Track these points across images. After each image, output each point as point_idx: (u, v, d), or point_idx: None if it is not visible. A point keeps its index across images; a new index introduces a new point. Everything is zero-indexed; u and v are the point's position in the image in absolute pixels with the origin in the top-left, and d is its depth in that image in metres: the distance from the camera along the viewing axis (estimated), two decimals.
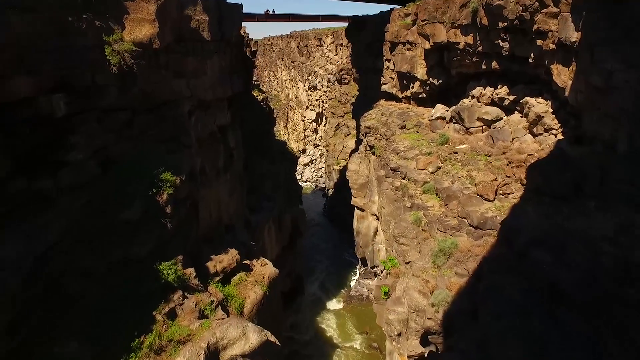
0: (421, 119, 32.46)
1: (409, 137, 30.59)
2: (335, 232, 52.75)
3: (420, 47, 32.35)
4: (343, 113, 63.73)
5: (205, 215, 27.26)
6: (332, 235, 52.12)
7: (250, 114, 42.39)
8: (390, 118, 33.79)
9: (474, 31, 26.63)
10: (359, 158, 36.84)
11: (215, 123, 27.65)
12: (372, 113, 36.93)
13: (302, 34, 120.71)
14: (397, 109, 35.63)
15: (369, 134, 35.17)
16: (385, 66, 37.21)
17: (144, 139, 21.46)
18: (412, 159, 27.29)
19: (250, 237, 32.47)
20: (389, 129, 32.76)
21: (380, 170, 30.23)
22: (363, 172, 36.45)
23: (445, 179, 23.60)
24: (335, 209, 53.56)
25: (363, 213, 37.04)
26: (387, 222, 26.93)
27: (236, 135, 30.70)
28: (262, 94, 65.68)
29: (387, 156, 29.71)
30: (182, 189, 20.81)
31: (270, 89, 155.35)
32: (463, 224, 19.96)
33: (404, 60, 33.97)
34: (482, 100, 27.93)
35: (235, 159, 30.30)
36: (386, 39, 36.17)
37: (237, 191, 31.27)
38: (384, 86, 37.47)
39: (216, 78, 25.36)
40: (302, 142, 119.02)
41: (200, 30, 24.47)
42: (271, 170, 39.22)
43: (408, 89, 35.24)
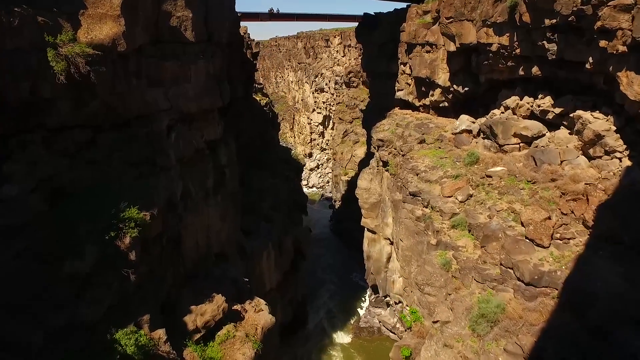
0: (443, 131, 27.91)
1: (429, 154, 26.07)
2: (342, 249, 48.29)
3: (442, 49, 27.81)
4: (351, 119, 59.27)
5: (191, 245, 23.01)
6: (339, 253, 47.67)
7: (250, 122, 38.12)
8: (407, 130, 29.27)
9: (511, 30, 22.06)
10: (370, 174, 32.37)
11: (203, 138, 23.38)
12: (386, 123, 32.43)
13: (308, 35, 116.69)
14: (414, 119, 31.10)
15: (382, 147, 30.69)
16: (401, 70, 32.69)
17: (110, 162, 17.28)
18: (435, 183, 22.77)
19: (245, 267, 28.22)
20: (405, 142, 28.25)
21: (396, 192, 25.73)
22: (375, 190, 31.99)
23: (479, 212, 19.06)
24: (342, 223, 49.13)
25: (374, 236, 32.58)
26: (407, 258, 22.47)
27: (229, 150, 26.41)
28: (265, 98, 61.44)
29: (404, 176, 25.21)
30: (154, 225, 16.60)
31: (277, 90, 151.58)
32: (508, 276, 15.44)
33: (422, 64, 29.44)
34: (518, 112, 23.34)
35: (228, 178, 26.05)
36: (402, 39, 31.66)
37: (230, 214, 27.02)
38: (399, 93, 32.95)
39: (202, 86, 21.07)
40: (309, 145, 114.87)
41: (182, 30, 20.19)
42: (272, 185, 34.90)
43: (427, 97, 30.70)
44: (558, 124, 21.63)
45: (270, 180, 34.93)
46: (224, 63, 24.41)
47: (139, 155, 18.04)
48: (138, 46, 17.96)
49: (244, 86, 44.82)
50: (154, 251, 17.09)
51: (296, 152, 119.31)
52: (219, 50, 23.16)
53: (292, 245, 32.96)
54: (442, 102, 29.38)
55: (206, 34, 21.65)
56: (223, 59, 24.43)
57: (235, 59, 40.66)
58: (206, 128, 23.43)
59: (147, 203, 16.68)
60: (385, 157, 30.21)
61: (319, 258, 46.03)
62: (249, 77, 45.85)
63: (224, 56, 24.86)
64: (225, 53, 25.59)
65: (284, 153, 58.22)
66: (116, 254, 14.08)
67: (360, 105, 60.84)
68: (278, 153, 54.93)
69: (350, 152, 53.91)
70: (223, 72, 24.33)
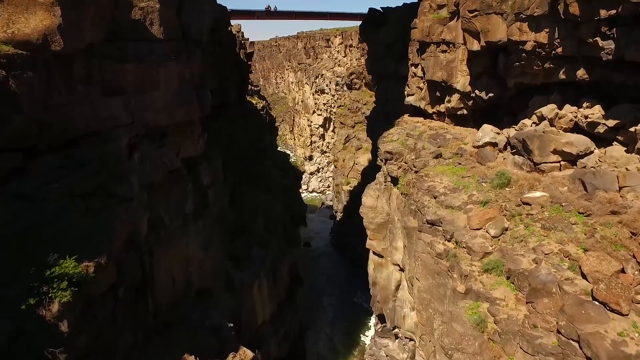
0: (462, 144, 23.82)
1: (448, 172, 21.99)
2: (344, 265, 44.24)
3: (461, 48, 23.72)
4: (354, 123, 55.19)
5: (165, 284, 18.93)
6: (341, 270, 43.61)
7: (243, 130, 34.07)
8: (420, 141, 25.17)
9: (552, 25, 17.99)
10: (377, 190, 28.29)
11: (179, 156, 19.37)
12: (394, 133, 28.34)
13: (309, 35, 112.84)
14: (427, 128, 27.00)
15: (391, 160, 26.61)
16: (411, 73, 28.60)
17: (46, 196, 13.27)
18: (459, 209, 18.69)
19: (234, 302, 24.20)
20: (418, 156, 24.16)
21: (409, 217, 21.65)
22: (382, 209, 27.92)
23: (520, 252, 14.96)
24: (344, 237, 45.08)
25: (381, 260, 28.53)
26: (424, 301, 18.39)
27: (214, 168, 22.33)
28: (261, 102, 57.37)
29: (419, 198, 21.13)
30: (103, 277, 12.67)
31: (277, 91, 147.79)
32: (572, 351, 11.38)
33: (437, 66, 25.35)
34: (558, 123, 19.26)
35: (212, 200, 22.01)
36: (413, 37, 27.56)
37: (215, 242, 22.99)
38: (409, 98, 28.86)
39: (175, 93, 16.98)
40: (309, 148, 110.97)
41: (146, 24, 16.13)
42: (266, 202, 30.83)
43: (442, 103, 26.60)
44: (610, 139, 17.57)
45: (264, 197, 30.85)
46: (204, 65, 20.28)
47: (87, 185, 14.02)
48: (86, 44, 13.99)
49: (237, 90, 40.81)
50: (103, 311, 13.06)
51: (296, 155, 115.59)
52: (197, 50, 19.07)
53: (289, 272, 28.92)
54: (460, 110, 25.29)
55: (180, 29, 17.57)
56: (204, 61, 20.32)
57: (227, 60, 36.64)
58: (183, 143, 19.42)
59: (94, 249, 12.73)
60: (394, 172, 26.13)
61: (319, 276, 41.99)
62: (242, 80, 41.83)
63: (205, 57, 20.79)
64: (207, 53, 21.59)
65: (281, 160, 54.15)
66: (38, 327, 10.12)
67: (362, 109, 56.78)
68: (275, 160, 50.90)
69: (353, 159, 49.84)
70: (204, 76, 20.23)
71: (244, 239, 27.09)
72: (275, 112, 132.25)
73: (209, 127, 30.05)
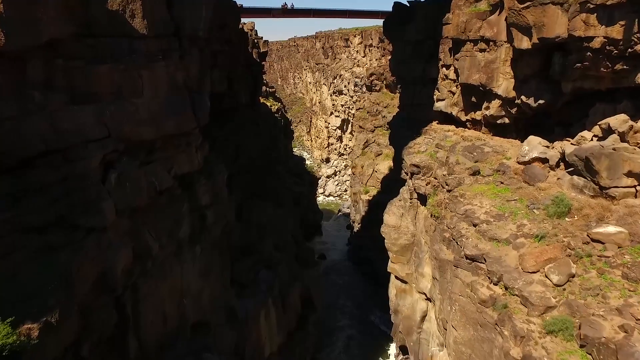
0: (504, 158, 20.19)
1: (488, 193, 18.42)
2: (361, 280, 40.83)
3: (504, 46, 20.10)
4: (373, 127, 51.68)
5: (153, 321, 15.91)
6: (357, 286, 40.20)
7: (254, 136, 31.06)
8: (453, 154, 21.62)
9: (630, 17, 14.27)
10: (401, 208, 24.84)
11: (171, 173, 16.41)
12: (422, 143, 24.84)
13: (327, 34, 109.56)
14: (460, 138, 23.42)
15: (418, 175, 23.14)
16: (442, 75, 25.04)
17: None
18: (506, 243, 15.13)
19: (236, 336, 21.17)
20: (451, 172, 20.64)
21: (442, 245, 18.17)
22: (406, 229, 24.46)
23: (597, 311, 11.38)
24: (362, 250, 41.69)
25: (405, 286, 25.08)
26: (462, 356, 14.88)
27: (215, 184, 19.26)
28: (277, 104, 54.39)
29: (454, 224, 17.64)
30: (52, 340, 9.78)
31: (295, 91, 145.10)
32: None
33: (474, 67, 21.76)
34: (631, 138, 15.49)
35: (212, 221, 18.97)
36: (445, 35, 24.01)
37: (215, 268, 19.95)
38: (439, 103, 25.29)
39: (163, 101, 13.96)
40: (326, 150, 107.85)
41: (127, 16, 13.19)
42: (276, 217, 27.72)
43: (478, 110, 22.99)
44: None
45: (274, 212, 27.74)
46: (204, 66, 17.17)
47: (44, 216, 11.15)
48: (46, 41, 11.10)
49: (249, 92, 37.88)
50: None
51: (313, 157, 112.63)
52: (194, 49, 16.01)
53: (300, 297, 25.74)
54: (501, 118, 21.61)
55: (171, 24, 14.55)
56: (204, 61, 17.21)
57: (237, 61, 33.72)
58: (177, 158, 16.43)
59: (42, 303, 9.89)
60: (422, 189, 22.66)
61: (334, 292, 38.72)
62: (255, 81, 38.86)
63: (206, 57, 17.70)
64: (210, 52, 18.53)
65: (296, 165, 51.13)
66: None
67: (383, 112, 53.22)
68: (289, 166, 47.91)
69: (372, 166, 46.35)
70: (204, 78, 17.13)
71: (251, 261, 24.03)
72: (293, 113, 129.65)
73: (214, 135, 27.14)
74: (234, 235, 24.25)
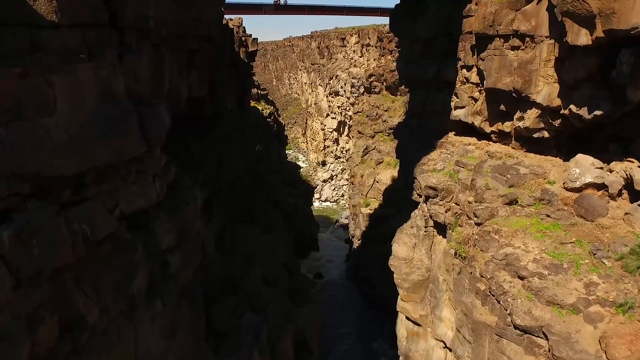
0: (546, 183, 16.00)
1: (532, 229, 14.23)
2: (362, 303, 36.60)
3: (546, 42, 15.92)
4: (373, 132, 47.44)
5: None
6: (357, 309, 35.95)
7: (238, 149, 26.71)
8: (480, 176, 17.38)
9: None
10: (413, 237, 20.60)
11: (116, 212, 12.12)
12: (437, 159, 20.63)
13: (323, 34, 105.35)
14: (484, 154, 19.22)
15: (434, 199, 18.94)
16: (462, 78, 20.81)
17: None
18: (573, 311, 10.91)
19: None
20: (480, 199, 16.42)
21: (474, 298, 13.93)
22: (419, 263, 20.23)
23: None
24: (362, 269, 37.47)
25: (418, 329, 20.86)
26: None
27: (182, 218, 14.91)
28: (269, 107, 50.00)
29: (490, 272, 13.42)
30: None
31: (290, 92, 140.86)
32: None
33: (504, 68, 17.54)
34: None
35: (178, 267, 14.70)
36: (466, 29, 19.81)
37: (184, 322, 15.59)
38: (458, 112, 21.06)
39: (90, 118, 9.68)
40: (322, 153, 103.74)
41: None
42: (265, 245, 23.38)
43: (507, 120, 18.79)
44: None
45: (262, 238, 23.39)
46: (159, 68, 12.77)
47: None
48: None
49: (236, 96, 33.53)
50: None
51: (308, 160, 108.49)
52: (145, 45, 11.64)
53: (293, 342, 21.45)
54: (539, 131, 17.39)
55: (104, 9, 10.21)
56: (159, 61, 12.83)
57: (221, 61, 29.34)
58: (123, 192, 12.12)
59: None
60: (440, 217, 18.45)
61: (332, 315, 34.49)
62: (243, 84, 34.51)
63: (160, 58, 13.27)
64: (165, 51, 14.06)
65: (290, 173, 46.83)
66: None
67: (383, 116, 49.01)
68: (283, 175, 43.57)
69: (373, 175, 42.10)
70: (160, 84, 12.75)
71: (233, 302, 19.68)
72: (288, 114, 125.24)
73: (192, 149, 22.81)
74: (213, 269, 19.95)
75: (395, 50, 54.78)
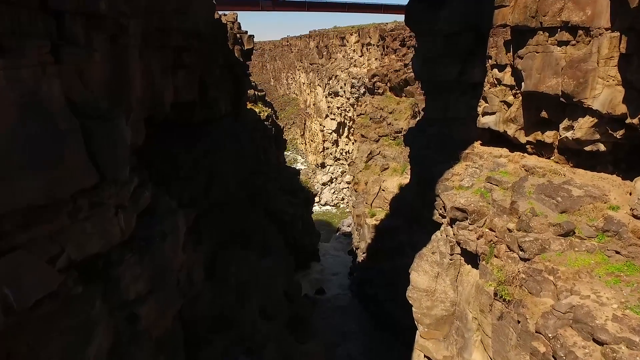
0: (608, 208, 12.93)
1: (600, 270, 11.18)
2: (368, 325, 33.41)
3: (607, 36, 12.87)
4: (378, 136, 44.37)
5: None
6: (365, 332, 32.73)
7: (232, 160, 23.53)
8: (521, 198, 14.30)
9: None
10: (436, 265, 17.50)
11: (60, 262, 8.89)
12: (463, 173, 17.56)
13: (321, 33, 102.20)
14: (521, 168, 16.16)
15: (462, 222, 15.87)
16: (492, 79, 17.71)
17: None
18: None
19: None
20: (525, 228, 13.34)
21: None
22: (443, 296, 17.15)
23: None
24: (368, 286, 34.34)
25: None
26: None
27: (156, 257, 11.78)
28: (267, 110, 46.82)
29: (551, 329, 10.36)
30: None
31: (288, 92, 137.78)
32: None
33: (549, 68, 14.49)
34: None
35: (150, 321, 11.61)
36: (498, 22, 16.73)
37: None
38: (487, 118, 17.97)
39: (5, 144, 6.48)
40: (321, 155, 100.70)
41: None
42: (263, 271, 20.25)
43: (551, 129, 15.73)
44: None
45: (260, 263, 20.24)
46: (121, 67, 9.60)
47: None
48: None
49: (231, 98, 30.32)
50: None
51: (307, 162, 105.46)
52: (98, 37, 8.49)
53: None
54: (593, 143, 14.32)
55: None
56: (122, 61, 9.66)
57: (214, 60, 26.21)
58: (72, 232, 9.03)
59: None
60: (470, 244, 15.38)
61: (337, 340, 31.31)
62: (239, 85, 31.29)
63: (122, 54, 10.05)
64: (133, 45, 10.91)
65: (289, 180, 43.69)
66: None
67: (388, 118, 45.96)
68: (281, 182, 40.44)
69: (378, 183, 38.98)
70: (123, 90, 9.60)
71: (224, 342, 16.58)
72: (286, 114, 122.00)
73: (179, 162, 19.64)
74: (202, 302, 16.81)
75: (399, 50, 51.75)
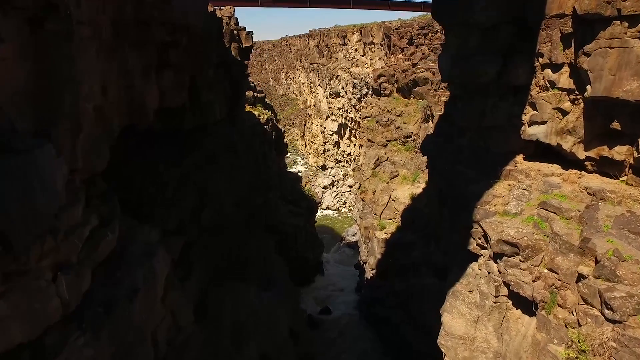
0: None
1: None
2: (377, 348, 30.20)
3: None
4: (385, 141, 41.15)
5: None
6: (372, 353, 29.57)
7: (228, 174, 20.28)
8: (597, 234, 11.10)
9: None
10: (475, 307, 14.31)
11: None
12: (508, 196, 14.36)
13: (322, 32, 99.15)
14: (581, 190, 12.99)
15: (511, 258, 12.67)
16: (542, 81, 14.49)
17: None
18: None
19: None
20: (610, 276, 10.13)
21: None
22: (485, 345, 13.96)
23: None
24: (378, 306, 31.10)
25: None
26: None
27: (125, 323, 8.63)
28: (267, 112, 43.56)
29: None
30: None
31: (287, 92, 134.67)
32: None
33: (627, 67, 11.32)
34: None
35: None
36: (552, 11, 13.54)
37: None
38: (535, 128, 14.74)
39: None
40: (322, 156, 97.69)
41: None
42: (263, 308, 17.01)
43: (621, 143, 12.56)
44: None
45: (260, 299, 16.99)
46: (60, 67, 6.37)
47: None
48: None
49: (227, 102, 27.10)
50: None
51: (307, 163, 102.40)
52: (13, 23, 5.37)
53: None
54: None
55: None
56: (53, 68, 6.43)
57: (207, 59, 22.94)
58: None
59: None
60: (524, 288, 12.21)
61: None
62: (236, 87, 28.00)
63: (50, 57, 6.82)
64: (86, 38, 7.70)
65: (291, 188, 40.51)
66: None
67: (396, 121, 42.69)
68: (282, 191, 37.24)
69: (387, 192, 35.80)
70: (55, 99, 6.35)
71: None
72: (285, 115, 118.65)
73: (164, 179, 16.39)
74: (191, 349, 13.60)
75: (407, 48, 48.62)
